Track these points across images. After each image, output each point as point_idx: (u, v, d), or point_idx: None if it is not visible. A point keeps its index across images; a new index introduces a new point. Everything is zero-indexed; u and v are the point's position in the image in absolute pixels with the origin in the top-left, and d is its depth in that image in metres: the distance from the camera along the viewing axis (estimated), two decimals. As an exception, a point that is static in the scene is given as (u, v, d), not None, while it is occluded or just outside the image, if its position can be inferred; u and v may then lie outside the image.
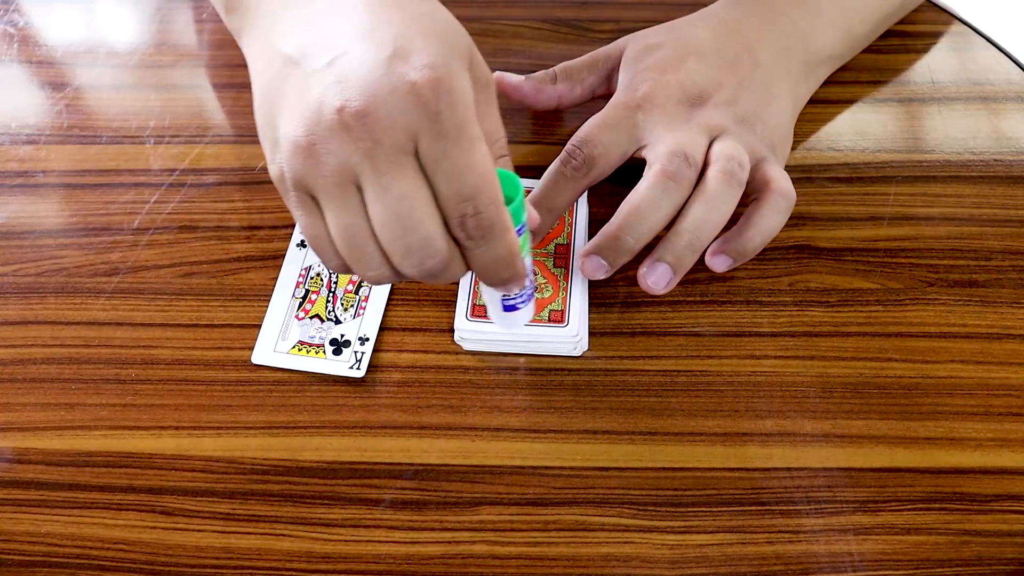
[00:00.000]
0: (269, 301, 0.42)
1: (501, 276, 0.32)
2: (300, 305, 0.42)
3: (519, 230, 0.32)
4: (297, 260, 0.44)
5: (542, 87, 0.45)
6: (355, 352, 0.41)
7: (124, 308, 0.43)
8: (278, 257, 0.44)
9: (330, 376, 0.40)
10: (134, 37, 0.54)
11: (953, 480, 0.38)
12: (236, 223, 0.45)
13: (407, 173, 0.28)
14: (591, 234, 0.44)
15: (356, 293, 0.42)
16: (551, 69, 0.45)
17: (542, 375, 0.41)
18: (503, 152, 0.35)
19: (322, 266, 0.41)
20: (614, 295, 0.43)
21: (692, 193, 0.39)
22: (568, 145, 0.40)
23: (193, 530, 0.37)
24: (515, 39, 0.53)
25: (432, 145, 0.28)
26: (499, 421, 0.39)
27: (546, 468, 0.38)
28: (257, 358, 0.41)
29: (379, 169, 0.28)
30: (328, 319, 0.42)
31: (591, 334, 0.41)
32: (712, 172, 0.38)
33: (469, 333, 0.40)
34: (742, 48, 0.43)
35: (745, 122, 0.41)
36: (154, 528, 0.37)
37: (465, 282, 0.41)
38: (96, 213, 0.46)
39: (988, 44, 0.53)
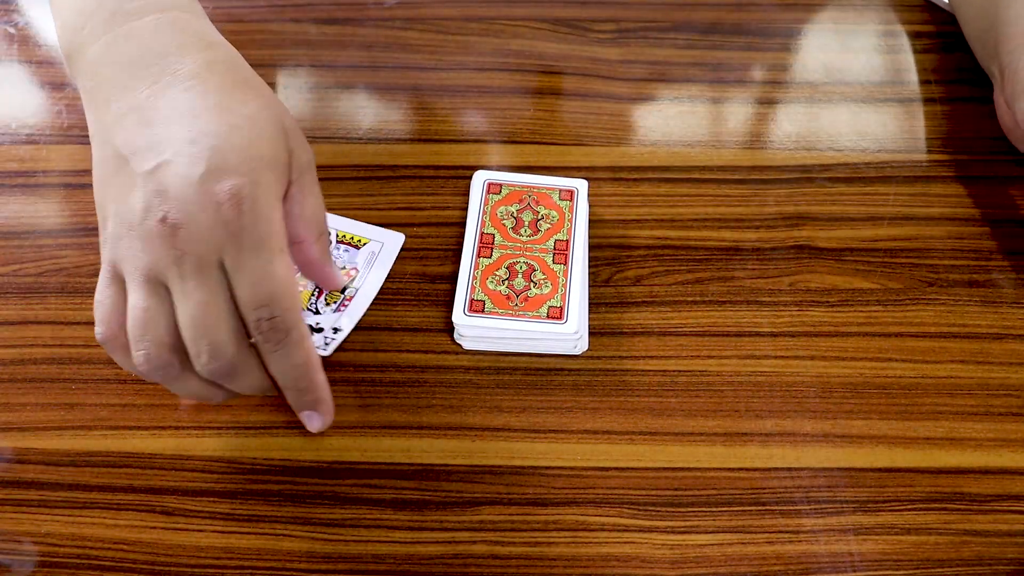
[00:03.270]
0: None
1: (299, 386, 0.34)
2: None
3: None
4: None
5: None
6: (325, 337, 0.41)
7: (124, 308, 0.43)
8: (278, 257, 0.44)
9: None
10: (134, 37, 0.54)
11: (953, 480, 0.38)
12: (236, 223, 0.45)
13: (207, 283, 0.31)
14: (592, 232, 0.44)
15: (342, 292, 0.42)
16: None
17: (542, 375, 0.41)
18: (325, 229, 0.37)
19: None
20: (614, 295, 0.43)
21: None
22: None
23: (193, 530, 0.37)
24: (515, 39, 0.53)
25: (235, 258, 0.31)
26: (499, 421, 0.39)
27: (546, 468, 0.38)
28: None
29: (184, 276, 0.31)
30: (308, 309, 0.41)
31: (591, 334, 0.41)
32: None
33: (467, 329, 0.40)
34: None
35: None
36: (154, 528, 0.37)
37: (464, 277, 0.41)
38: (96, 213, 0.46)
39: (988, 44, 0.53)
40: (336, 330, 0.41)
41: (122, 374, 0.41)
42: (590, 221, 0.45)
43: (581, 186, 0.44)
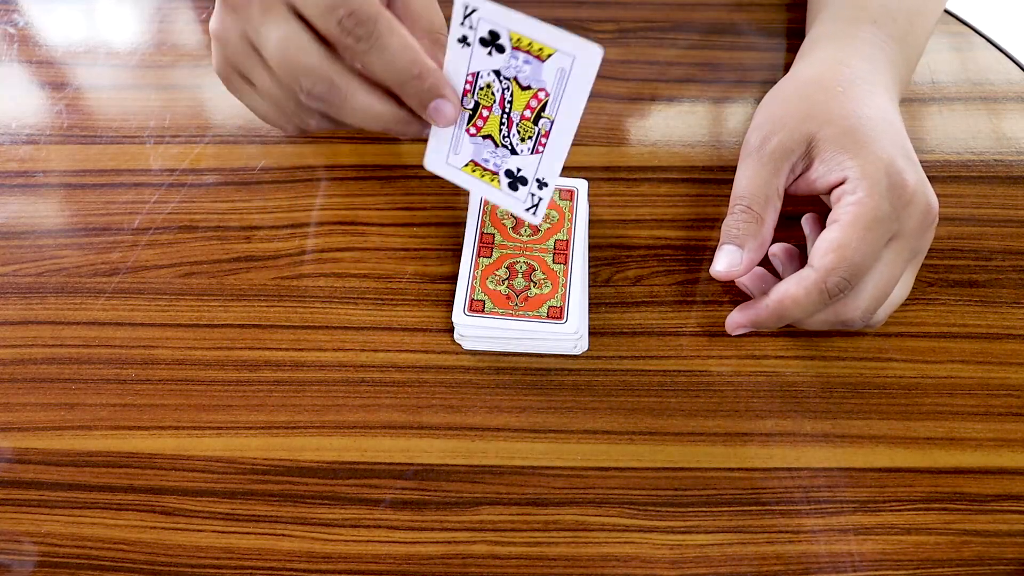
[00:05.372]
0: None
1: (413, 73, 0.32)
2: (470, 119, 0.36)
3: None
4: (462, 60, 0.34)
5: (762, 238, 0.38)
6: (531, 194, 0.36)
7: (124, 308, 0.43)
8: (278, 257, 0.44)
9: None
10: (134, 37, 0.54)
11: (953, 480, 0.38)
12: (236, 223, 0.45)
13: (279, 22, 0.32)
14: (592, 232, 0.44)
15: (535, 123, 0.35)
16: (745, 210, 0.38)
17: (542, 375, 0.41)
18: (440, 31, 0.35)
19: (491, 74, 0.34)
20: (614, 295, 0.43)
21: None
22: (833, 279, 0.35)
23: (193, 530, 0.37)
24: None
25: None
26: (499, 421, 0.39)
27: (546, 468, 0.38)
28: (431, 165, 0.38)
29: (256, 26, 0.32)
30: (503, 144, 0.36)
31: (591, 334, 0.41)
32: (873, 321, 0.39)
33: (467, 329, 0.40)
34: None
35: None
36: (154, 528, 0.37)
37: (463, 277, 0.41)
38: (96, 213, 0.46)
39: (988, 44, 0.53)
40: (541, 184, 0.36)
41: (122, 374, 0.41)
42: (590, 221, 0.45)
43: (581, 186, 0.44)
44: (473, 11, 0.32)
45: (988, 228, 0.45)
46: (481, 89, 0.35)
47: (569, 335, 0.40)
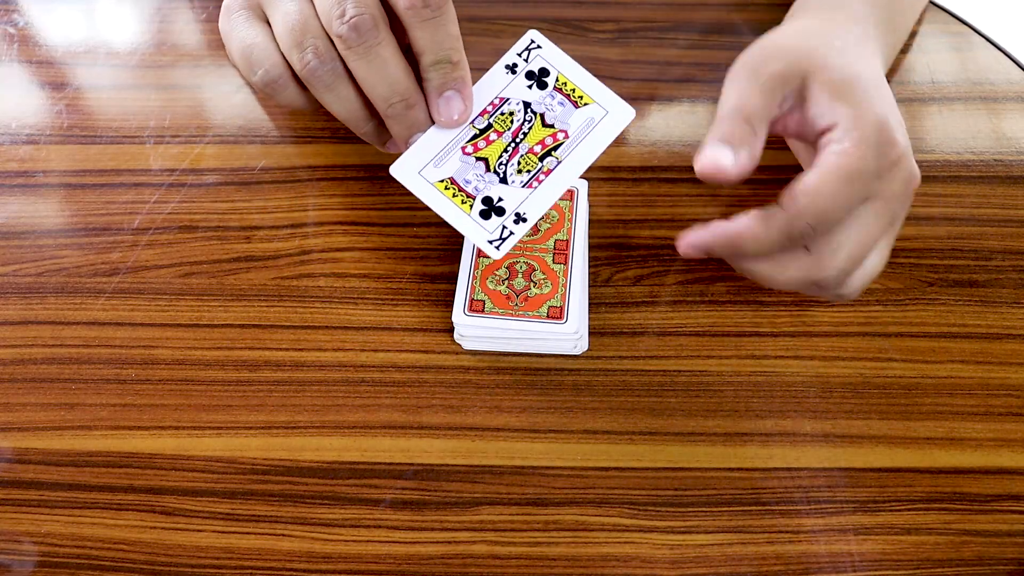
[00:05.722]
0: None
1: (453, 59, 0.35)
2: (473, 138, 0.36)
3: None
4: (498, 83, 0.36)
5: (755, 152, 0.35)
6: (503, 227, 0.35)
7: (124, 308, 0.43)
8: (278, 257, 0.44)
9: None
10: (134, 37, 0.54)
11: (953, 480, 0.38)
12: (236, 223, 0.45)
13: None
14: (592, 232, 0.44)
15: (540, 160, 0.35)
16: (717, 138, 0.35)
17: (542, 375, 0.41)
18: (437, 59, 0.36)
19: (520, 103, 0.35)
20: (614, 295, 0.43)
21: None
22: (800, 224, 0.33)
23: (193, 530, 0.37)
24: (515, 39, 0.53)
25: None
26: (499, 421, 0.39)
27: (546, 468, 0.38)
28: (397, 172, 0.36)
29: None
30: (495, 171, 0.35)
31: (591, 334, 0.41)
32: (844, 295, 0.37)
33: (467, 329, 0.40)
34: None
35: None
36: (154, 528, 0.37)
37: (464, 277, 0.41)
38: (96, 213, 0.46)
39: (988, 44, 0.53)
40: (519, 219, 0.35)
41: (122, 374, 0.41)
42: (590, 221, 0.45)
43: (581, 186, 0.44)
44: (537, 48, 0.35)
45: (988, 228, 0.45)
46: (502, 114, 0.36)
47: (569, 335, 0.40)
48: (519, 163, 0.35)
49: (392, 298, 0.43)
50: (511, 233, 0.35)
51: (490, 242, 0.35)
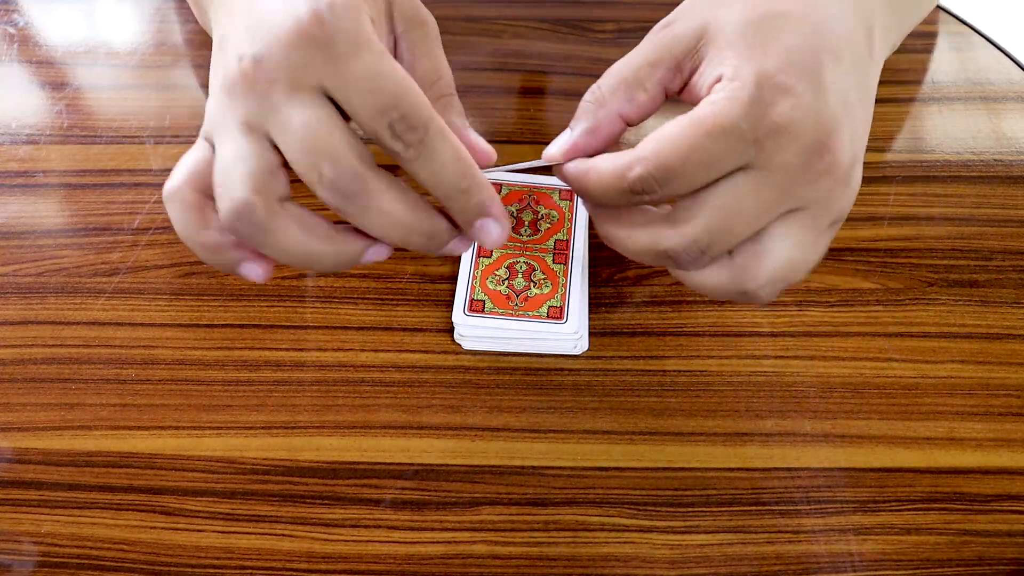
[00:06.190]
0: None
1: (462, 187, 0.28)
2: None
3: None
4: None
5: (596, 122, 0.32)
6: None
7: (124, 308, 0.43)
8: (278, 257, 0.44)
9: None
10: (134, 37, 0.54)
11: (953, 480, 0.38)
12: (236, 223, 0.45)
13: (309, 104, 0.27)
14: (592, 232, 0.44)
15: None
16: (594, 89, 0.32)
17: (542, 375, 0.41)
18: (447, 92, 0.32)
19: None
20: (614, 295, 0.43)
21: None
22: (637, 170, 0.29)
23: (193, 530, 0.37)
24: (515, 39, 0.53)
25: (334, 71, 0.27)
26: (499, 421, 0.39)
27: (546, 468, 0.38)
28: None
29: (278, 106, 0.27)
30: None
31: (591, 334, 0.41)
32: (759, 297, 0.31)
33: (467, 329, 0.40)
34: (866, 38, 0.32)
35: (835, 225, 0.31)
36: (154, 528, 0.37)
37: (464, 277, 0.41)
38: (96, 213, 0.46)
39: (988, 44, 0.53)
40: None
41: (122, 374, 0.41)
42: (590, 221, 0.45)
43: (581, 186, 0.44)
44: None
45: (988, 228, 0.45)
46: None
47: (569, 335, 0.40)
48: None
49: (392, 298, 0.43)
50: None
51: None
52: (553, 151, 0.32)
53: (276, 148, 0.28)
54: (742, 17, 0.29)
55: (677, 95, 0.32)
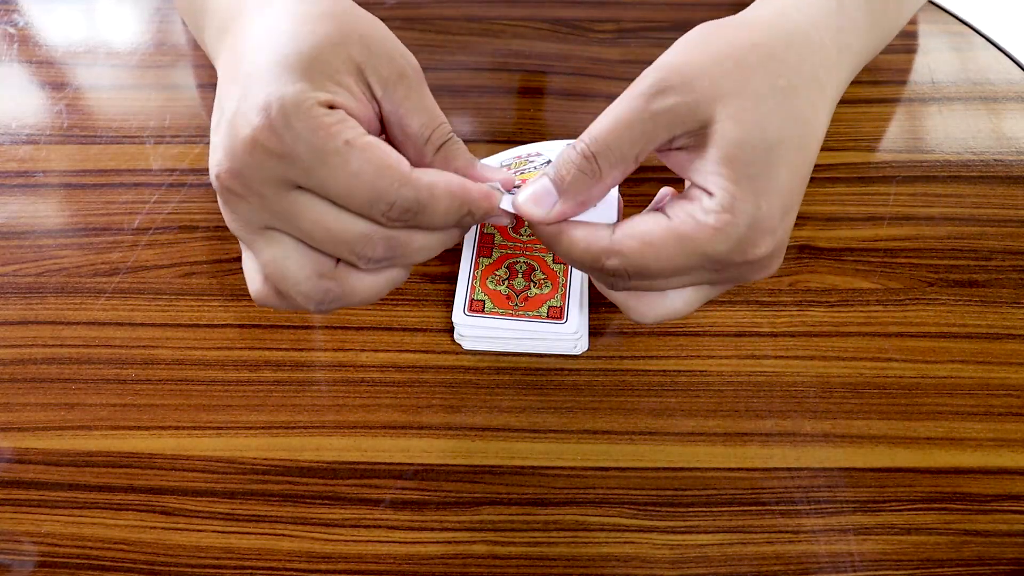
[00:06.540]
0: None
1: (464, 213, 0.30)
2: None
3: None
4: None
5: (588, 196, 0.31)
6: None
7: (124, 308, 0.43)
8: (278, 257, 0.44)
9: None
10: (134, 37, 0.54)
11: (953, 480, 0.38)
12: (236, 223, 0.45)
13: (298, 202, 0.28)
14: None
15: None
16: (588, 157, 0.30)
17: (542, 375, 0.41)
18: (444, 139, 0.31)
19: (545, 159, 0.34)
20: (614, 295, 0.43)
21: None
22: (614, 262, 0.30)
23: (193, 530, 0.37)
24: (515, 39, 0.53)
25: (307, 179, 0.28)
26: (499, 421, 0.39)
27: (546, 468, 0.38)
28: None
29: (277, 214, 0.29)
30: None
31: (591, 334, 0.41)
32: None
33: (467, 329, 0.40)
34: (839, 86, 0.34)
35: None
36: (154, 528, 0.37)
37: (464, 277, 0.41)
38: (96, 213, 0.46)
39: (988, 44, 0.53)
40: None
41: (122, 374, 0.41)
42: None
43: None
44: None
45: (988, 228, 0.45)
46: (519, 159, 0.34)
47: (569, 335, 0.40)
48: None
49: (392, 298, 0.43)
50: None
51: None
52: (535, 212, 0.31)
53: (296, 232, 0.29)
54: (747, 140, 0.29)
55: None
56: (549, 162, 0.33)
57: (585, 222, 0.31)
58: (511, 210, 0.31)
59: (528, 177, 0.33)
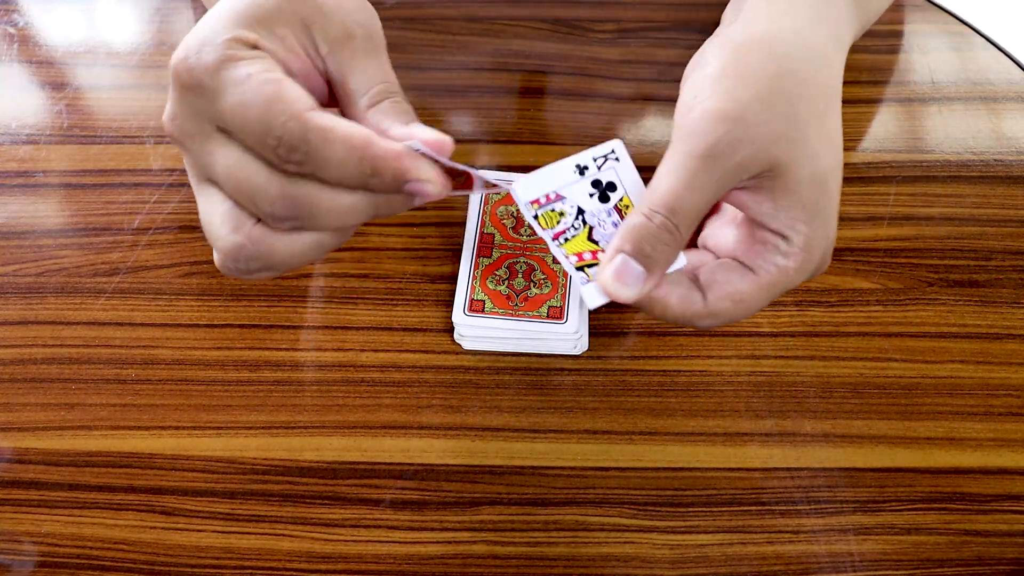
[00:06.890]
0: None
1: (367, 172, 0.28)
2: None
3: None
4: (561, 179, 0.33)
5: (669, 264, 0.31)
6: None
7: (124, 308, 0.43)
8: (278, 257, 0.44)
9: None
10: (134, 37, 0.54)
11: (953, 480, 0.38)
12: (236, 223, 0.45)
13: (218, 148, 0.29)
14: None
15: (578, 270, 0.32)
16: (672, 230, 0.30)
17: (542, 375, 0.41)
18: (380, 98, 0.31)
19: (575, 208, 0.32)
20: (614, 295, 0.43)
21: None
22: (707, 322, 0.31)
23: (193, 530, 0.37)
24: (515, 39, 0.53)
25: (214, 112, 0.28)
26: (499, 421, 0.39)
27: (546, 468, 0.38)
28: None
29: (202, 157, 0.29)
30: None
31: (591, 334, 0.41)
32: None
33: (467, 329, 0.40)
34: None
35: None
36: (154, 528, 0.37)
37: (464, 277, 0.41)
38: (96, 213, 0.46)
39: (988, 44, 0.53)
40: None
41: (122, 374, 0.41)
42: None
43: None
44: (615, 159, 0.33)
45: (988, 228, 0.45)
46: (552, 211, 0.32)
47: (569, 335, 0.40)
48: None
49: (392, 298, 0.43)
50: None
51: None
52: (629, 293, 0.30)
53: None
54: (812, 176, 0.31)
55: None
56: (581, 211, 0.32)
57: (671, 282, 0.31)
58: (598, 302, 0.30)
59: (576, 245, 0.32)
